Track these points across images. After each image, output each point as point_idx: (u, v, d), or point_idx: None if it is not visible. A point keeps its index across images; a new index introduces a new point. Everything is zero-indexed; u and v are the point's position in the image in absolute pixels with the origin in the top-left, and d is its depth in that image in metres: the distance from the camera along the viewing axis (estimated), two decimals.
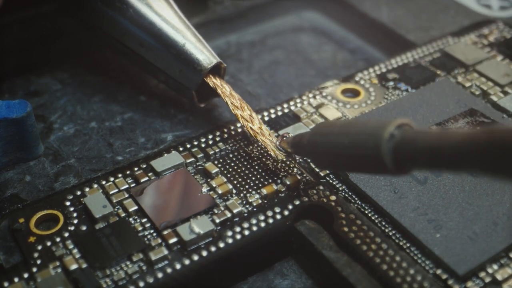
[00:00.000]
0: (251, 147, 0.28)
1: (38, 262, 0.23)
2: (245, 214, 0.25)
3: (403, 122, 0.21)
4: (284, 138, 0.27)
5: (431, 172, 0.26)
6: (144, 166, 0.27)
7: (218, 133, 0.29)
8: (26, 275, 0.23)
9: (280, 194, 0.26)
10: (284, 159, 0.27)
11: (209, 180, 0.26)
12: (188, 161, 0.27)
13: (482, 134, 0.18)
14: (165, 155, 0.28)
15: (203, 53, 0.29)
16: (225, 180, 0.26)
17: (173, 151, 0.28)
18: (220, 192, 0.26)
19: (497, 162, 0.18)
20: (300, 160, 0.27)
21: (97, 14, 0.31)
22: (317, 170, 0.27)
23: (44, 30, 0.35)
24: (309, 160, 0.27)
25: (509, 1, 0.39)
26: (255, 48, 0.38)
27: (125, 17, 0.30)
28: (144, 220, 0.25)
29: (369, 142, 0.21)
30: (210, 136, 0.29)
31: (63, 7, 0.34)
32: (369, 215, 0.25)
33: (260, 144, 0.28)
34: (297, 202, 0.26)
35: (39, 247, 0.24)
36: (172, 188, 0.26)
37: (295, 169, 0.27)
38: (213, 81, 0.29)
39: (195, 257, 0.24)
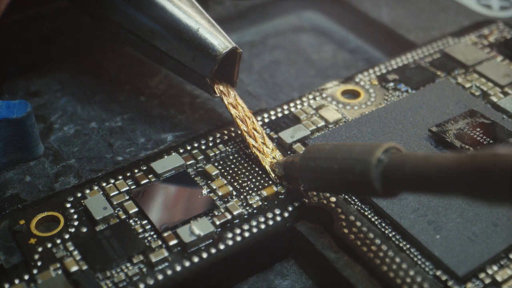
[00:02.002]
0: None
1: (39, 263, 0.23)
2: (245, 216, 0.25)
3: (390, 146, 0.21)
4: (275, 161, 0.27)
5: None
6: (145, 168, 0.27)
7: (218, 135, 0.29)
8: (26, 277, 0.23)
9: (280, 196, 0.26)
10: (279, 179, 0.27)
11: (209, 182, 0.26)
12: (189, 163, 0.27)
13: (465, 160, 0.18)
14: (166, 157, 0.28)
15: (217, 38, 0.28)
16: (225, 182, 0.26)
17: (173, 153, 0.28)
18: (220, 194, 0.26)
19: (479, 187, 0.18)
20: None
21: (105, 3, 0.30)
22: None
23: (44, 30, 0.35)
24: None
25: (509, 1, 0.39)
26: (255, 48, 0.38)
27: (135, 5, 0.29)
28: (144, 222, 0.25)
29: (357, 167, 0.21)
30: (211, 138, 0.29)
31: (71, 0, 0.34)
32: (369, 216, 0.25)
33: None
34: (297, 204, 0.26)
35: (40, 249, 0.24)
36: (173, 190, 0.26)
37: None
38: (220, 90, 0.29)
39: (196, 259, 0.24)
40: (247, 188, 0.26)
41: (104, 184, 0.26)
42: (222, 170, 0.27)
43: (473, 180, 0.18)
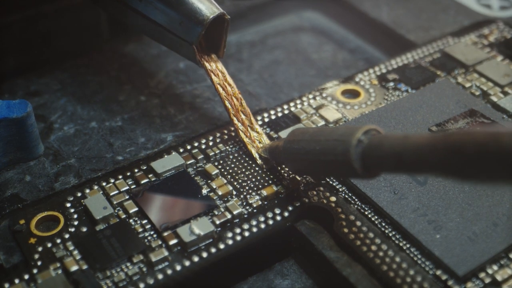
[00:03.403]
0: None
1: (39, 263, 0.23)
2: (245, 216, 0.25)
3: (371, 127, 0.22)
4: (261, 146, 0.27)
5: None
6: (145, 167, 0.27)
7: (218, 135, 0.29)
8: (26, 277, 0.23)
9: (280, 196, 0.26)
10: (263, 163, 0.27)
11: (209, 181, 0.26)
12: (188, 162, 0.27)
13: (439, 139, 0.19)
14: (166, 156, 0.28)
15: (205, 3, 0.28)
16: (225, 181, 0.26)
17: (173, 153, 0.28)
18: (220, 193, 0.26)
19: (452, 165, 0.19)
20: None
21: None
22: None
23: (44, 30, 0.35)
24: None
25: (509, 1, 0.39)
26: (255, 48, 0.38)
27: None
28: (144, 221, 0.25)
29: (338, 148, 0.22)
30: (211, 138, 0.29)
31: None
32: (369, 216, 0.25)
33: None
34: (297, 204, 0.26)
35: (40, 249, 0.24)
36: (173, 189, 0.26)
37: None
38: (205, 59, 0.28)
39: (196, 259, 0.24)
40: (247, 188, 0.26)
41: (104, 184, 0.26)
42: (222, 170, 0.27)
43: (446, 157, 0.19)
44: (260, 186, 0.26)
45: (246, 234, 0.25)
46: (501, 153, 0.17)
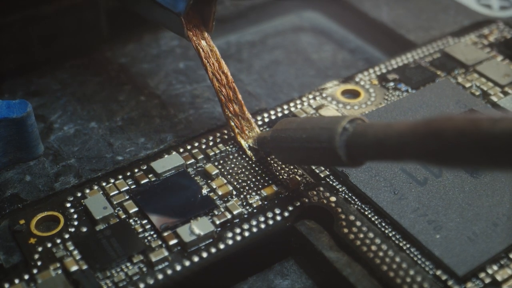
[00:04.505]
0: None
1: (39, 263, 0.23)
2: (245, 216, 0.25)
3: (356, 117, 0.22)
4: (251, 135, 0.28)
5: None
6: (145, 167, 0.27)
7: (218, 134, 0.29)
8: (26, 277, 0.23)
9: (280, 196, 0.26)
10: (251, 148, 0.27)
11: (209, 181, 0.26)
12: (189, 162, 0.27)
13: (420, 125, 0.19)
14: (166, 156, 0.28)
15: None
16: (225, 181, 0.26)
17: (173, 152, 0.28)
18: (220, 193, 0.26)
19: (433, 150, 0.19)
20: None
21: None
22: (317, 171, 0.27)
23: (44, 30, 0.35)
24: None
25: (509, 1, 0.39)
26: (255, 48, 0.38)
27: None
28: (144, 221, 0.25)
29: (323, 135, 0.22)
30: (211, 137, 0.29)
31: None
32: (369, 216, 0.25)
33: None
34: (297, 204, 0.26)
35: (40, 249, 0.24)
36: (173, 189, 0.26)
37: (296, 170, 0.27)
38: (196, 44, 0.28)
39: (196, 259, 0.24)
40: (247, 188, 0.26)
41: (104, 184, 0.26)
42: (222, 170, 0.27)
43: (427, 143, 0.19)
44: (260, 186, 0.26)
45: (246, 234, 0.25)
46: (480, 138, 0.17)
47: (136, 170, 0.27)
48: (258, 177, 0.27)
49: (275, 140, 0.25)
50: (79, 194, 0.26)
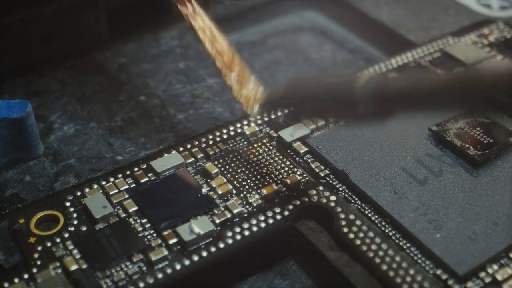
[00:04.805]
0: (251, 147, 0.28)
1: (38, 262, 0.23)
2: (245, 215, 0.25)
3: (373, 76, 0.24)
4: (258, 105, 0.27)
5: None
6: (144, 166, 0.27)
7: (218, 134, 0.29)
8: (26, 276, 0.23)
9: (280, 195, 0.26)
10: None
11: (209, 180, 0.26)
12: (188, 161, 0.27)
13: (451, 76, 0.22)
14: (165, 155, 0.28)
15: None
16: (225, 180, 0.26)
17: (173, 152, 0.28)
18: (220, 192, 0.26)
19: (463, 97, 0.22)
20: (300, 160, 0.27)
21: None
22: (317, 170, 0.27)
23: (44, 30, 0.35)
24: (309, 160, 0.27)
25: (509, 1, 0.39)
26: (255, 48, 0.38)
27: None
28: (144, 220, 0.25)
29: (347, 80, 0.23)
30: (210, 137, 0.29)
31: None
32: (369, 215, 0.25)
33: (260, 144, 0.28)
34: (297, 203, 0.26)
35: (39, 248, 0.24)
36: (172, 188, 0.26)
37: (295, 169, 0.27)
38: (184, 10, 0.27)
39: (195, 258, 0.24)
40: (247, 187, 0.26)
41: (103, 183, 0.26)
42: (222, 169, 0.27)
43: (460, 91, 0.22)
44: (260, 185, 0.26)
45: (246, 233, 0.25)
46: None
47: (136, 169, 0.27)
48: (258, 176, 0.27)
49: (292, 89, 0.25)
50: (78, 193, 0.26)
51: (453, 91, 0.22)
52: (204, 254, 0.24)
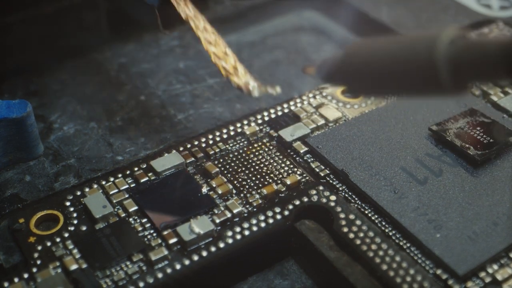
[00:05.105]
0: (251, 147, 0.28)
1: (38, 262, 0.23)
2: (245, 214, 0.25)
3: (463, 34, 0.18)
4: (308, 68, 0.23)
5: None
6: (144, 166, 0.27)
7: (218, 133, 0.29)
8: (26, 275, 0.23)
9: (280, 194, 0.26)
10: (257, 95, 0.25)
11: (209, 180, 0.26)
12: (188, 161, 0.27)
13: None
14: (165, 155, 0.28)
15: None
16: (225, 180, 0.26)
17: (173, 151, 0.28)
18: (220, 192, 0.26)
19: None
20: (300, 160, 0.27)
21: None
22: (317, 170, 0.27)
23: (44, 30, 0.35)
24: (309, 160, 0.27)
25: (509, 1, 0.39)
26: (255, 48, 0.38)
27: None
28: (144, 220, 0.25)
29: (421, 45, 0.18)
30: (210, 136, 0.29)
31: None
32: (369, 215, 0.25)
33: (260, 144, 0.28)
34: (297, 202, 0.26)
35: (39, 247, 0.24)
36: (172, 188, 0.26)
37: (295, 169, 0.27)
38: (186, 13, 0.26)
39: (195, 257, 0.24)
40: (247, 187, 0.26)
41: (103, 183, 0.26)
42: (222, 168, 0.27)
43: None
44: (260, 185, 0.26)
45: (246, 233, 0.25)
46: None
47: (135, 169, 0.27)
48: (258, 176, 0.27)
49: (352, 56, 0.20)
50: (78, 193, 0.26)
51: None
52: (204, 254, 0.24)
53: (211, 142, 0.28)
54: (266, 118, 0.30)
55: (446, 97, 0.19)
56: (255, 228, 0.25)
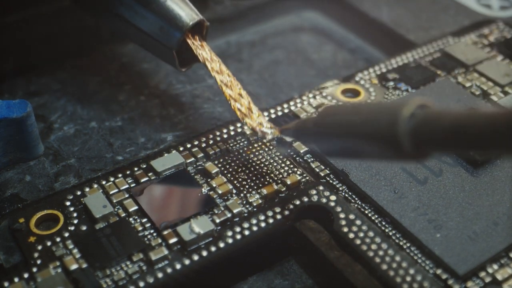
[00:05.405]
0: (251, 146, 0.28)
1: (38, 262, 0.23)
2: (245, 214, 0.25)
3: (425, 103, 0.19)
4: (282, 127, 0.25)
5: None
6: (144, 166, 0.27)
7: (218, 133, 0.29)
8: (26, 275, 0.23)
9: (280, 194, 0.26)
10: (271, 137, 0.26)
11: (209, 180, 0.26)
12: (188, 161, 0.27)
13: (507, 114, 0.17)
14: (165, 155, 0.28)
15: (185, 10, 0.28)
16: (225, 180, 0.26)
17: (173, 151, 0.28)
18: (220, 192, 0.26)
19: None
20: (300, 160, 0.27)
21: None
22: (317, 170, 0.27)
23: (44, 30, 0.35)
24: (309, 160, 0.27)
25: (509, 1, 0.39)
26: (255, 48, 0.38)
27: None
28: (144, 220, 0.25)
29: (383, 120, 0.19)
30: (211, 136, 0.29)
31: None
32: (369, 215, 0.25)
33: (260, 144, 0.28)
34: (297, 202, 0.26)
35: (39, 247, 0.24)
36: (172, 188, 0.26)
37: (295, 169, 0.27)
38: (193, 42, 0.28)
39: (195, 257, 0.24)
40: (247, 186, 0.26)
41: (103, 182, 0.26)
42: (222, 168, 0.27)
43: None
44: (260, 185, 0.26)
45: (246, 233, 0.25)
46: None
47: (136, 169, 0.27)
48: (258, 176, 0.27)
49: (320, 126, 0.22)
50: (78, 193, 0.26)
51: None
52: (204, 253, 0.24)
53: (211, 142, 0.28)
54: (266, 118, 0.30)
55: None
56: (255, 228, 0.25)
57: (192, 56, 0.29)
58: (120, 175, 0.27)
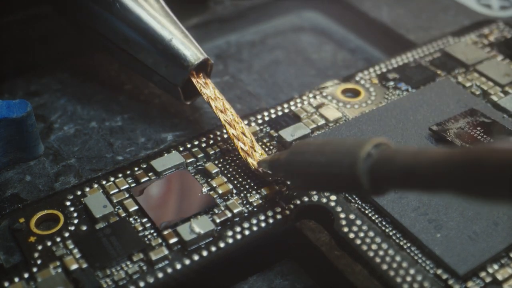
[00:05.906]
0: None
1: (39, 262, 0.23)
2: (246, 214, 0.25)
3: (381, 141, 0.20)
4: (261, 159, 0.26)
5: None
6: (145, 166, 0.27)
7: (218, 133, 0.29)
8: (26, 275, 0.23)
9: (280, 194, 0.26)
10: (270, 178, 0.26)
11: (209, 180, 0.26)
12: (189, 161, 0.27)
13: (458, 153, 0.18)
14: (166, 155, 0.28)
15: (190, 49, 0.29)
16: (225, 180, 0.26)
17: (173, 151, 0.28)
18: (220, 192, 0.26)
19: (472, 183, 0.17)
20: None
21: (83, 9, 0.31)
22: None
23: (44, 30, 0.35)
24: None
25: (509, 1, 0.39)
26: (255, 48, 0.38)
27: (111, 12, 0.30)
28: (144, 220, 0.25)
29: (345, 161, 0.21)
30: (211, 136, 0.29)
31: (48, 1, 0.34)
32: (370, 215, 0.25)
33: (260, 144, 0.28)
34: (297, 202, 0.26)
35: (40, 247, 0.24)
36: (173, 188, 0.26)
37: None
38: (197, 80, 0.29)
39: (196, 257, 0.24)
40: (247, 186, 0.26)
41: (104, 182, 0.26)
42: (222, 168, 0.27)
43: (465, 174, 0.17)
44: (261, 185, 0.26)
45: (246, 232, 0.25)
46: None
47: (136, 169, 0.27)
48: (259, 176, 0.27)
49: (290, 164, 0.23)
50: (79, 193, 0.26)
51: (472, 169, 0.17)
52: (205, 253, 0.24)
53: (211, 142, 0.28)
54: (266, 118, 0.30)
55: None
56: (255, 228, 0.25)
57: (196, 91, 0.29)
58: (120, 175, 0.27)
